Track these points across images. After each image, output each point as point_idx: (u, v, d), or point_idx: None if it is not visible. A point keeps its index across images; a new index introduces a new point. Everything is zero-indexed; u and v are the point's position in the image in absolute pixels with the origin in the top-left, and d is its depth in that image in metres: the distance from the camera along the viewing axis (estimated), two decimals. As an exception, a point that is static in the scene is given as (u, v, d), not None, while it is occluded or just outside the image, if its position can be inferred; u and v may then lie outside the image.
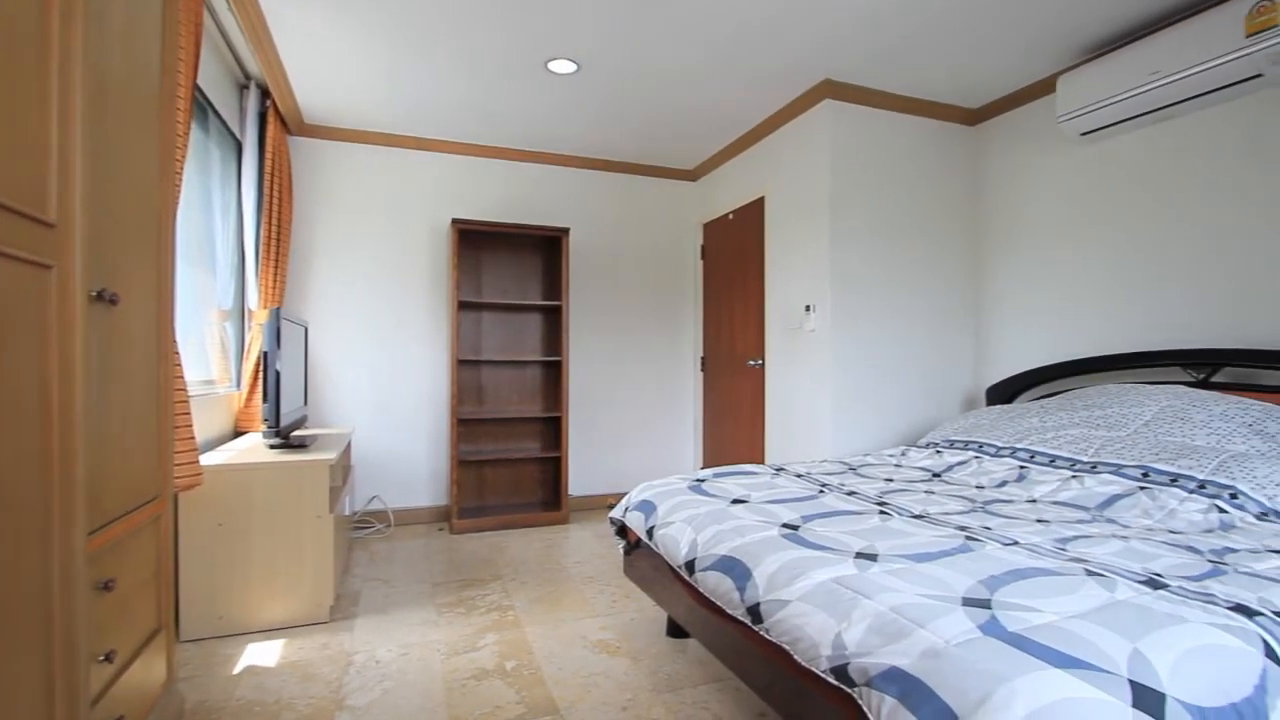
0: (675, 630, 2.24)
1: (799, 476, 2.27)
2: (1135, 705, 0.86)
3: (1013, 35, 2.57)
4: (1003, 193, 3.24)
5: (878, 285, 3.16)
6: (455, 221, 3.57)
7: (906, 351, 3.22)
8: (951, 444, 2.61)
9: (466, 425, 3.94)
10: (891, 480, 2.26)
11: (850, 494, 2.01)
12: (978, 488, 2.16)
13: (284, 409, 2.51)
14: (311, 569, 2.31)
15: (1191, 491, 1.74)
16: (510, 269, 4.03)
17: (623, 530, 2.26)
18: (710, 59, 2.79)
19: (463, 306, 3.90)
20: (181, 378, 1.83)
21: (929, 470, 2.42)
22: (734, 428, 3.94)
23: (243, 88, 3.13)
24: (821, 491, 2.03)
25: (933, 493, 2.05)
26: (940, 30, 2.54)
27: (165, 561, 1.60)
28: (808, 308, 3.19)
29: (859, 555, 1.40)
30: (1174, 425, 2.09)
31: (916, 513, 1.78)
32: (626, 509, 2.17)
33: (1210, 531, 1.60)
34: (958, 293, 3.35)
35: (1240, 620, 1.04)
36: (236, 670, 1.99)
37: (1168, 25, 2.37)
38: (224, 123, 2.94)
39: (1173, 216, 2.52)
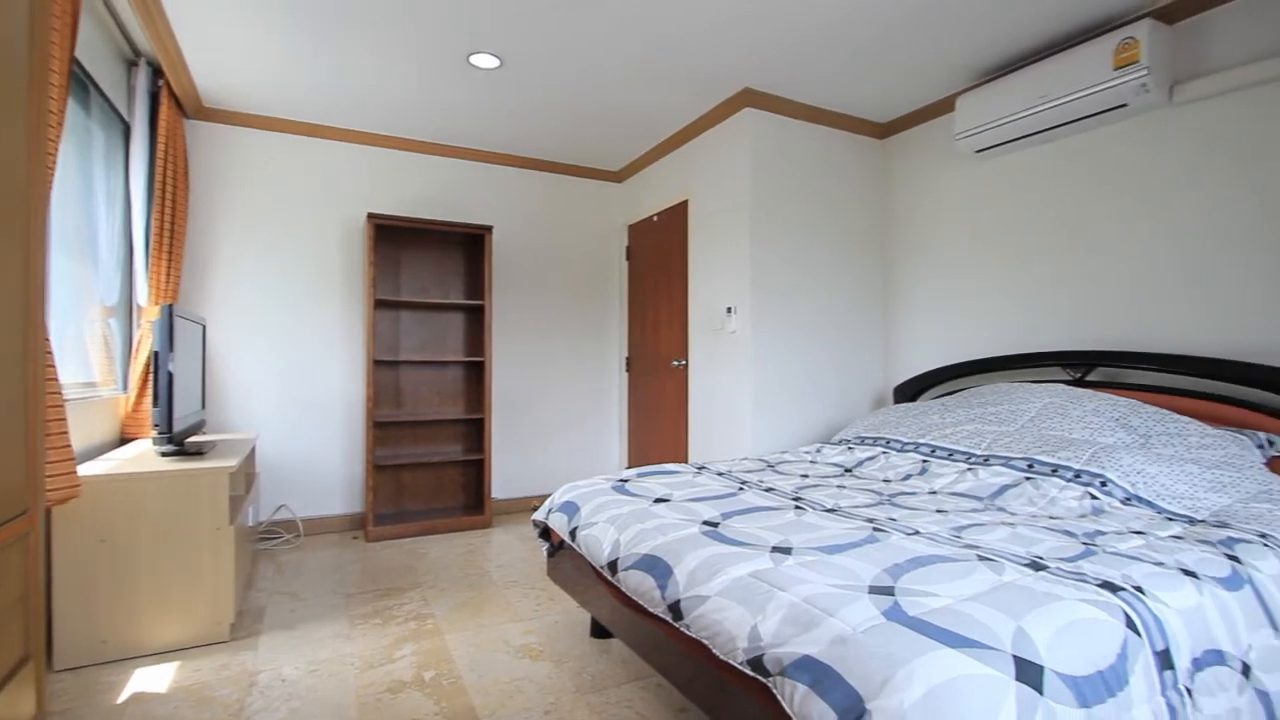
0: (599, 631, 2.24)
1: (720, 475, 2.33)
2: (1018, 679, 0.94)
3: (917, 57, 2.74)
4: (908, 203, 3.44)
5: (796, 288, 3.28)
6: (371, 216, 3.43)
7: (823, 352, 3.37)
8: (862, 440, 2.75)
9: (383, 428, 3.79)
10: (807, 476, 2.35)
11: (768, 490, 2.08)
12: (885, 481, 2.28)
13: (178, 413, 2.33)
14: (209, 585, 2.16)
15: (1069, 480, 1.92)
16: (431, 267, 3.91)
17: (546, 532, 2.24)
18: (634, 62, 2.81)
19: (380, 305, 3.75)
20: (55, 379, 1.67)
21: (841, 466, 2.54)
22: (658, 427, 3.99)
23: (131, 64, 2.87)
24: (741, 489, 2.08)
25: (844, 487, 2.15)
26: (852, 50, 2.67)
27: (35, 583, 1.45)
28: (729, 309, 3.28)
29: (775, 549, 1.45)
30: (1055, 420, 2.29)
31: (829, 507, 1.86)
32: (550, 510, 2.16)
33: (1084, 516, 1.77)
34: (869, 296, 3.53)
35: (1105, 595, 1.15)
36: (121, 699, 1.83)
37: (1054, 53, 2.59)
38: (109, 102, 2.69)
39: (1055, 229, 2.76)
